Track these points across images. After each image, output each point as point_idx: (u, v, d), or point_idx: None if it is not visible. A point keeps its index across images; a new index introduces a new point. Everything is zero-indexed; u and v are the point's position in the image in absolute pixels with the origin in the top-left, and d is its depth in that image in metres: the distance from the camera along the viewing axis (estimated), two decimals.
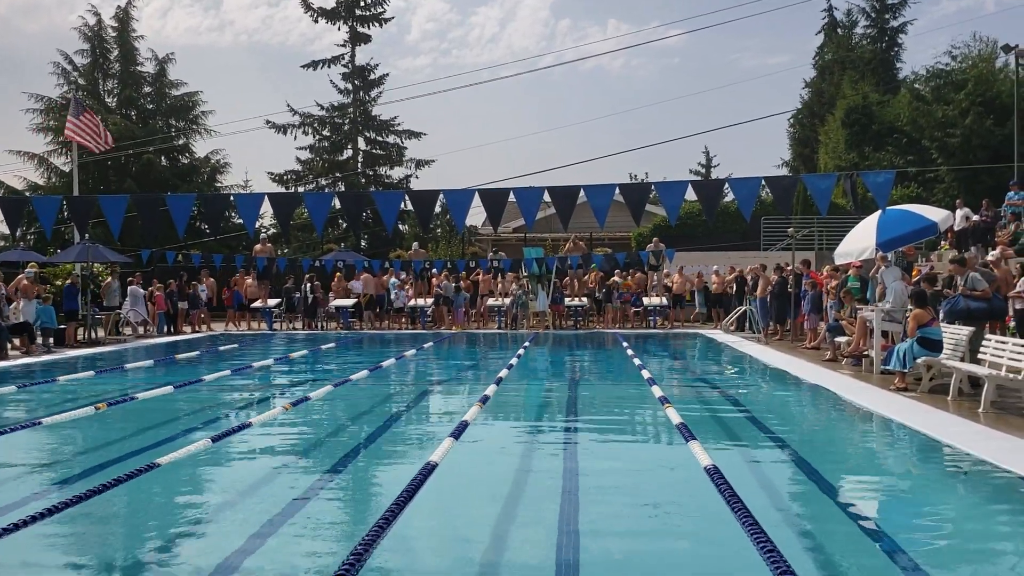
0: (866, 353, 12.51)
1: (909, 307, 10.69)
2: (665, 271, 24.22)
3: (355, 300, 24.52)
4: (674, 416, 6.85)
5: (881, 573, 4.31)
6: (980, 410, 8.67)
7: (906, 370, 10.28)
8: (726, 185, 18.06)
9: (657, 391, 8.89)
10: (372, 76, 42.41)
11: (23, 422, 7.66)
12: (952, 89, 31.87)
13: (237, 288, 25.08)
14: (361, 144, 42.76)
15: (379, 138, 42.95)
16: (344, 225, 40.00)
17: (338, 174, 42.15)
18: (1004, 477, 6.04)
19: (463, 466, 6.51)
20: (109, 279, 22.14)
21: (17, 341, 16.79)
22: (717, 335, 19.93)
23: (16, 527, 3.99)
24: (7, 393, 10.24)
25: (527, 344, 17.19)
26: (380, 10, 41.84)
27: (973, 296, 10.75)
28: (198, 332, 23.32)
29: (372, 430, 8.59)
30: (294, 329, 24.46)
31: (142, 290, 22.23)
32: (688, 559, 4.63)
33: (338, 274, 25.51)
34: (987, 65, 32.30)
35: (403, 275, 25.59)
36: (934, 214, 13.08)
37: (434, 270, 25.67)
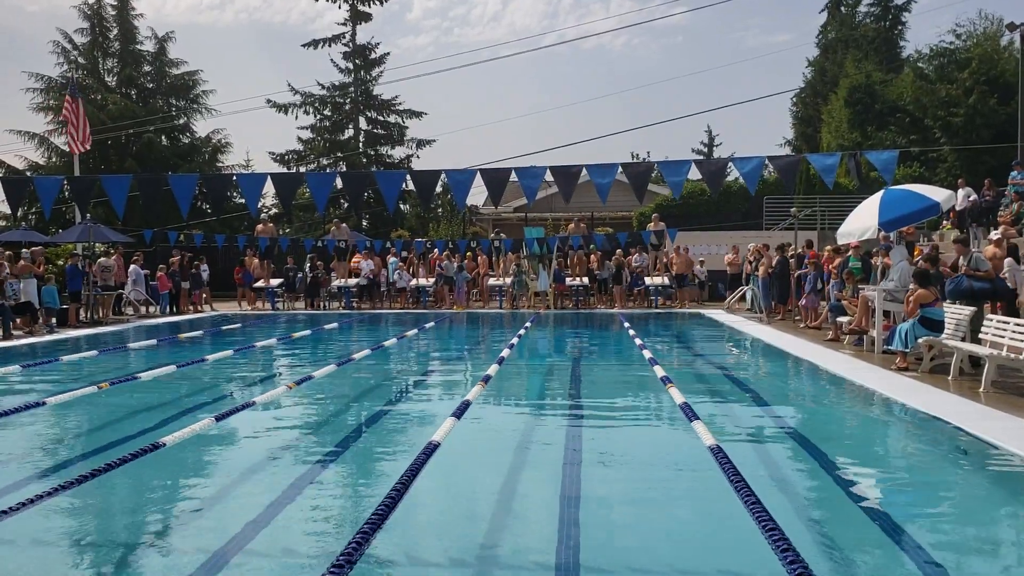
0: (867, 332, 12.52)
1: (912, 286, 10.69)
2: (666, 250, 24.20)
3: (357, 280, 24.52)
4: (677, 396, 6.87)
5: (881, 551, 4.33)
6: (981, 390, 8.69)
7: (907, 350, 10.30)
8: (730, 164, 18.01)
9: (659, 371, 8.91)
10: (373, 55, 42.21)
11: (27, 402, 7.68)
12: (956, 68, 31.69)
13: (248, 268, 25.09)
14: (362, 124, 42.61)
15: (380, 118, 42.78)
16: (345, 205, 39.95)
17: (339, 154, 42.03)
18: (1004, 456, 6.06)
19: (465, 445, 6.54)
20: (101, 259, 22.10)
21: (19, 321, 16.81)
22: (718, 315, 19.93)
23: (23, 505, 4.02)
24: (11, 373, 10.27)
25: (528, 324, 17.20)
26: None
27: (976, 276, 10.73)
28: (201, 312, 23.36)
29: (375, 410, 8.62)
30: (296, 309, 24.49)
31: (142, 270, 22.25)
32: (690, 534, 4.66)
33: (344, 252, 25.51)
34: (992, 43, 32.06)
35: (404, 254, 25.60)
36: (937, 194, 12.98)
37: (435, 250, 25.67)
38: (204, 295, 24.40)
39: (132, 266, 22.06)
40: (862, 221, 13.07)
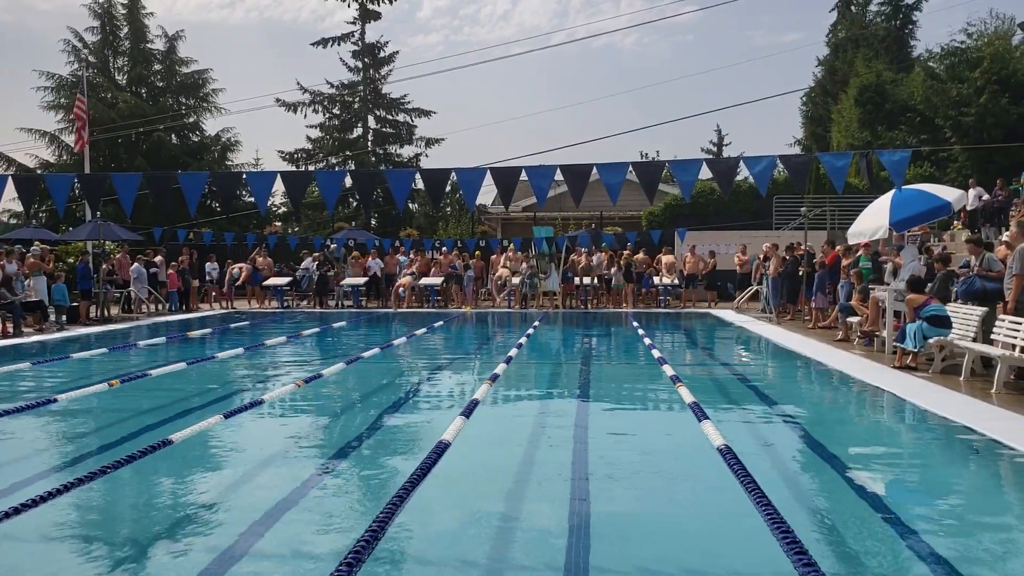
0: (878, 333, 12.47)
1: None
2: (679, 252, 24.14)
3: (366, 279, 24.53)
4: (686, 395, 6.85)
5: (891, 552, 4.31)
6: (993, 391, 8.64)
7: (918, 350, 10.25)
8: (740, 163, 17.93)
9: (668, 370, 8.88)
10: (382, 54, 42.27)
11: (38, 399, 7.70)
12: (967, 67, 31.46)
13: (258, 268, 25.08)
14: (371, 123, 42.66)
15: (389, 116, 42.83)
16: (354, 204, 39.99)
17: (348, 153, 42.09)
18: (1016, 457, 6.02)
19: (474, 444, 6.52)
20: (115, 255, 22.15)
21: (30, 319, 16.88)
22: (728, 315, 19.87)
23: (34, 503, 4.03)
24: (21, 370, 10.31)
25: (537, 323, 17.18)
26: None
27: (989, 276, 10.68)
28: (212, 310, 23.42)
29: (384, 408, 8.61)
30: (304, 307, 24.52)
31: (144, 268, 22.25)
32: (700, 534, 4.64)
33: (355, 252, 25.53)
34: (1003, 43, 31.81)
35: (412, 254, 25.61)
36: (948, 194, 12.96)
37: (444, 248, 25.67)
38: (215, 293, 24.44)
39: (135, 264, 22.07)
40: (873, 221, 13.04)
